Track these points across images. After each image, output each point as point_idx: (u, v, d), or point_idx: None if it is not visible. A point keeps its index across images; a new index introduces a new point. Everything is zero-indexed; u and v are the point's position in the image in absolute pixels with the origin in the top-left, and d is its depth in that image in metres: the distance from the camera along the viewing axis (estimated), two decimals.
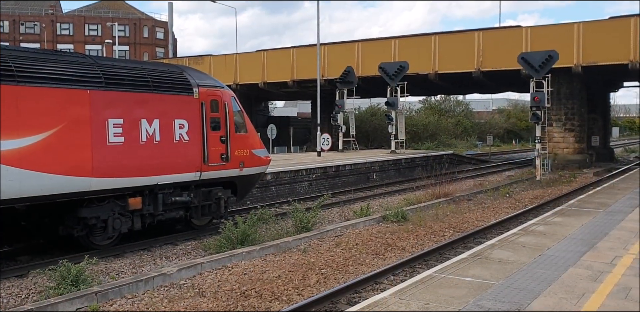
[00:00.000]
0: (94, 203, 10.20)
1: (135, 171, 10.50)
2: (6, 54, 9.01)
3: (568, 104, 29.68)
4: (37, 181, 8.93)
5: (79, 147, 9.54)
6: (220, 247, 10.85)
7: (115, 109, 10.16)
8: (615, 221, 11.61)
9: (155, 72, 11.35)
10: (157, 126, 10.86)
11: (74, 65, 9.85)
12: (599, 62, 27.72)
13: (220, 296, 8.01)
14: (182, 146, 11.41)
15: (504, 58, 29.30)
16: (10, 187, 8.59)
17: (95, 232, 10.41)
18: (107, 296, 7.90)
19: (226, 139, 12.50)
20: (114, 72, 10.42)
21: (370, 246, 11.16)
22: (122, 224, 10.76)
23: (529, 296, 6.64)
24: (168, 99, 11.21)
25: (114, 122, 10.10)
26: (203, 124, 11.93)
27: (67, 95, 9.44)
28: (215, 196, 12.61)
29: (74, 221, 10.09)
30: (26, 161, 8.76)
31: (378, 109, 47.76)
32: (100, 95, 9.92)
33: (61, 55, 10.28)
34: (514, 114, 68.11)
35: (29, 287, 8.64)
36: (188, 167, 11.62)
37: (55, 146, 9.20)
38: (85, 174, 9.60)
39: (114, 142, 10.09)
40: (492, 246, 9.52)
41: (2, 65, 8.70)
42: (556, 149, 29.58)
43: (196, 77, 12.25)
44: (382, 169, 25.41)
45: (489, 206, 17.00)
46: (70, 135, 9.42)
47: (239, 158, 12.89)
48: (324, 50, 34.94)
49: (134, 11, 75.32)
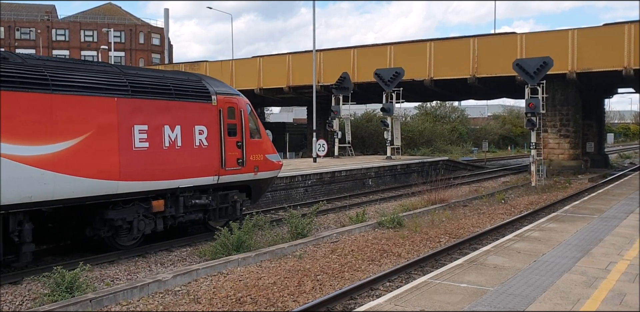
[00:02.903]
0: (120, 205, 10.64)
1: (159, 175, 10.98)
2: (40, 64, 9.50)
3: (563, 110, 29.81)
4: (70, 184, 9.39)
5: (107, 152, 10.03)
6: (215, 253, 10.83)
7: (140, 115, 10.64)
8: (610, 227, 11.65)
9: (176, 81, 11.87)
10: (179, 132, 11.40)
11: (101, 74, 10.36)
12: (593, 69, 27.87)
13: (215, 303, 7.99)
14: (201, 151, 11.93)
15: (499, 64, 29.44)
16: (46, 190, 9.06)
17: (121, 234, 10.90)
18: (101, 303, 7.86)
19: (242, 145, 13.05)
20: (139, 81, 10.93)
21: (366, 252, 11.16)
22: (146, 226, 11.22)
23: (524, 301, 6.65)
24: (188, 106, 11.75)
25: (139, 128, 10.60)
26: (221, 130, 12.47)
27: (96, 103, 9.95)
28: (232, 199, 13.12)
29: (100, 223, 10.55)
30: (59, 165, 9.22)
31: (374, 115, 47.84)
32: (127, 103, 10.43)
33: (89, 64, 10.82)
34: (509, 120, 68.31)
35: (23, 294, 8.59)
36: (207, 171, 12.13)
37: (86, 151, 9.67)
38: (113, 178, 10.07)
39: (140, 147, 10.58)
40: (488, 251, 9.53)
41: (38, 74, 9.19)
42: (551, 155, 29.67)
43: (214, 85, 12.81)
44: (377, 175, 25.43)
45: (484, 211, 17.03)
46: (100, 141, 9.91)
47: (253, 163, 13.45)
48: (319, 56, 35.04)
49: (129, 17, 75.39)
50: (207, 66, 41.73)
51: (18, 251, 9.20)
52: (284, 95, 39.62)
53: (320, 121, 35.17)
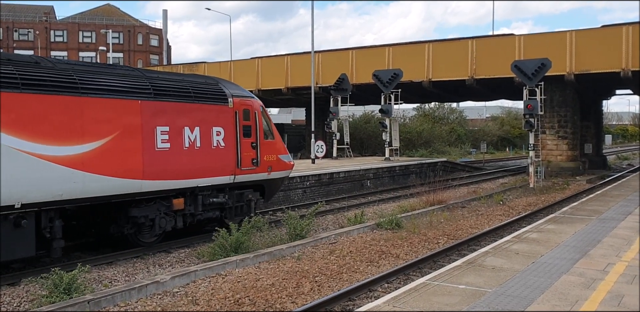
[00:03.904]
0: (143, 203, 11.07)
1: (179, 174, 11.44)
2: (69, 68, 9.97)
3: (561, 111, 29.84)
4: (98, 182, 9.84)
5: (132, 152, 10.47)
6: (213, 255, 10.82)
7: (162, 117, 11.10)
8: (608, 228, 11.66)
9: (195, 84, 12.35)
10: (198, 133, 11.87)
11: (126, 77, 10.83)
12: (591, 70, 27.90)
13: (213, 304, 7.98)
14: (219, 152, 12.42)
15: (497, 66, 29.47)
16: (76, 188, 9.52)
17: (144, 230, 11.38)
18: (99, 304, 7.85)
19: (256, 145, 13.56)
20: (161, 84, 11.41)
21: (365, 254, 11.15)
22: (167, 223, 11.66)
23: (522, 303, 6.65)
24: (207, 109, 12.22)
25: (161, 129, 11.05)
26: (237, 131, 12.97)
27: (122, 105, 10.39)
28: (247, 197, 13.60)
29: (124, 220, 10.97)
30: (88, 165, 9.68)
31: (372, 117, 47.85)
32: (150, 105, 10.88)
33: (114, 68, 11.27)
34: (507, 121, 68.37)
35: (20, 296, 8.56)
36: (224, 170, 12.60)
37: (112, 151, 10.11)
38: (137, 177, 10.52)
39: (162, 147, 11.05)
40: (486, 253, 9.54)
41: (68, 78, 9.64)
42: (549, 157, 29.70)
43: (230, 87, 13.31)
44: (376, 177, 25.43)
45: (482, 213, 17.03)
46: (125, 142, 10.34)
47: (267, 163, 13.93)
48: (318, 57, 35.04)
49: (128, 18, 75.38)
50: (206, 67, 41.70)
51: (49, 246, 9.59)
52: (283, 96, 39.61)
53: (319, 122, 35.18)
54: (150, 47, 71.96)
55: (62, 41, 68.95)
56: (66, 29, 69.19)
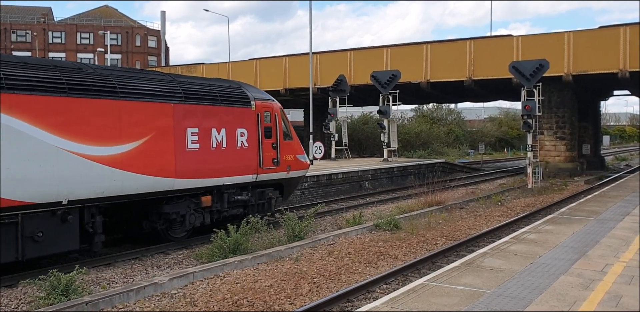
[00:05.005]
0: (174, 201, 11.72)
1: (207, 173, 12.12)
2: (108, 73, 10.64)
3: (559, 112, 29.89)
4: (135, 181, 10.51)
5: (165, 153, 11.14)
6: (212, 256, 10.80)
7: (192, 119, 11.78)
8: (607, 229, 11.67)
9: (221, 88, 13.08)
10: (224, 134, 12.55)
11: (159, 82, 11.52)
12: (589, 71, 27.95)
13: (212, 306, 7.97)
14: (243, 152, 13.11)
15: (495, 67, 29.50)
16: (115, 186, 10.16)
17: (175, 226, 12.04)
18: (97, 306, 7.83)
19: (276, 146, 14.27)
20: (190, 88, 12.08)
21: (363, 255, 11.15)
22: (196, 219, 12.34)
23: (520, 304, 6.65)
24: (232, 111, 12.91)
25: (192, 131, 11.72)
26: (259, 133, 13.66)
27: (156, 108, 11.07)
28: (267, 195, 14.32)
29: (157, 216, 11.63)
30: (126, 164, 10.32)
31: (370, 118, 47.84)
32: (181, 108, 11.55)
33: (147, 73, 12.09)
34: (505, 122, 68.42)
35: (18, 298, 8.54)
36: (247, 170, 13.31)
37: (148, 151, 10.76)
38: (169, 176, 11.18)
39: (192, 148, 11.71)
40: (484, 254, 9.54)
41: (108, 83, 10.29)
42: (547, 157, 29.73)
43: (252, 91, 14.07)
44: (374, 178, 25.43)
45: (481, 214, 17.04)
46: (159, 142, 11.01)
47: (286, 162, 14.64)
48: (316, 58, 35.05)
49: (126, 19, 75.33)
50: (204, 68, 41.70)
51: (90, 240, 10.24)
52: (281, 97, 39.38)
53: (317, 123, 35.20)
54: (149, 48, 71.89)
55: (60, 42, 68.85)
56: (64, 31, 69.09)
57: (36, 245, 9.15)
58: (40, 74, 9.32)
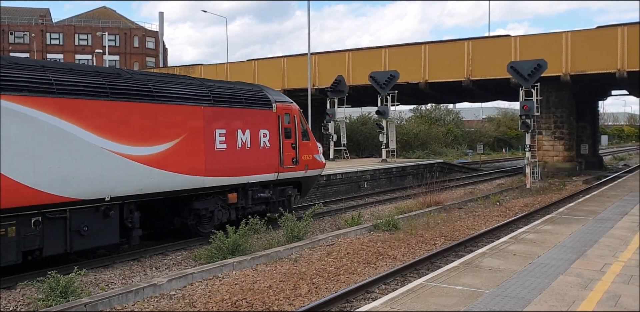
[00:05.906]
0: (204, 197, 12.43)
1: (234, 172, 12.86)
2: (144, 78, 11.33)
3: (557, 112, 29.92)
4: (169, 179, 11.18)
5: (196, 152, 11.84)
6: (210, 257, 10.79)
7: (219, 121, 12.48)
8: (605, 229, 11.68)
9: (245, 91, 13.81)
10: (248, 135, 13.29)
11: (189, 86, 12.22)
12: (587, 71, 27.99)
13: (211, 307, 7.96)
14: (265, 152, 13.85)
15: (493, 67, 29.53)
16: (152, 183, 10.84)
17: (204, 221, 12.67)
18: (96, 307, 7.82)
19: (296, 146, 15.01)
20: (218, 92, 12.81)
21: (362, 255, 11.15)
22: (223, 215, 13.06)
23: (519, 304, 6.65)
24: (255, 113, 13.64)
25: (219, 132, 12.44)
26: (279, 133, 14.43)
27: (188, 110, 11.77)
28: (287, 193, 15.08)
29: (187, 212, 12.34)
30: (162, 163, 11.00)
31: (369, 118, 47.80)
32: (210, 111, 12.26)
33: (177, 78, 12.73)
34: (503, 122, 68.47)
35: (17, 299, 8.53)
36: (269, 169, 14.07)
37: (181, 151, 11.46)
38: (200, 174, 11.88)
39: (220, 148, 12.43)
40: (483, 254, 9.54)
41: (144, 87, 10.98)
42: (546, 157, 29.76)
43: (273, 94, 14.82)
44: (373, 178, 25.43)
45: (479, 214, 17.05)
46: (191, 143, 11.70)
47: (304, 162, 15.41)
48: (314, 59, 35.06)
49: (124, 21, 75.28)
50: (202, 69, 41.69)
51: (128, 235, 10.90)
52: None
53: (316, 124, 35.15)
54: (147, 49, 71.88)
55: (58, 44, 68.82)
56: (62, 32, 69.05)
57: (82, 238, 9.80)
58: (86, 80, 9.98)
